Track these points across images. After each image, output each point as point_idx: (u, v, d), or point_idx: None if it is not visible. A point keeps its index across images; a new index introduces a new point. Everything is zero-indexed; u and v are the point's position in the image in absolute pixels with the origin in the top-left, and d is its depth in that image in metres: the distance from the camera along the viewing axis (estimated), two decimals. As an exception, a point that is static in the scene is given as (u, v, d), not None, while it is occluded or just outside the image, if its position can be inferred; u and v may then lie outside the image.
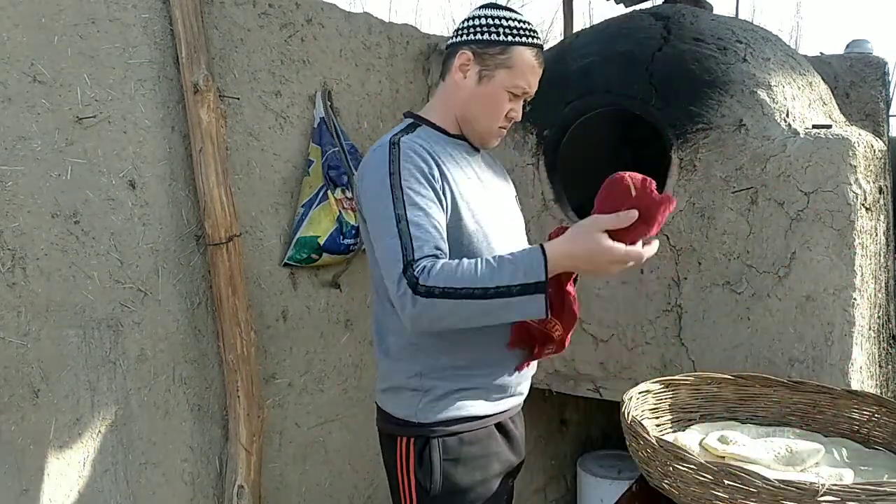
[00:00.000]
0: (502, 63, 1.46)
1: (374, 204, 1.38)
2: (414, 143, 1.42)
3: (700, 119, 2.08)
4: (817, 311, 1.93)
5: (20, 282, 1.65)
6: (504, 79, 1.46)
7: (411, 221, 1.33)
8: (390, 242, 1.32)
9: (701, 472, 1.26)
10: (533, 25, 1.49)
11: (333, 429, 2.39)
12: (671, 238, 2.14)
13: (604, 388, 2.30)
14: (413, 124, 1.52)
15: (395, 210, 1.33)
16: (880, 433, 1.59)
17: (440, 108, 1.54)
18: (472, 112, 1.50)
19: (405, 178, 1.36)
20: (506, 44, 1.45)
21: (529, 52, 1.47)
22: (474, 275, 1.27)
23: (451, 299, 1.26)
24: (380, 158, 1.39)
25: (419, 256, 1.30)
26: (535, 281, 1.26)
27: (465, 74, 1.48)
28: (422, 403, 1.46)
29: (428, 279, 1.27)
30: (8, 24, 1.61)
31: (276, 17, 2.16)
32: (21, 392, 1.66)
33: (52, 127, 1.69)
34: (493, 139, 1.55)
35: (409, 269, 1.29)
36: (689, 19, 2.26)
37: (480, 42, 1.46)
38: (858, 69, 2.68)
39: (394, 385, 1.50)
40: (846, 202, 1.87)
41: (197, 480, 2.02)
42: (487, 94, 1.48)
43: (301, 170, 2.24)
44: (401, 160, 1.38)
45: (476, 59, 1.47)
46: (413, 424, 1.47)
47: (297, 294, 2.27)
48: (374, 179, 1.38)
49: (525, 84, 1.48)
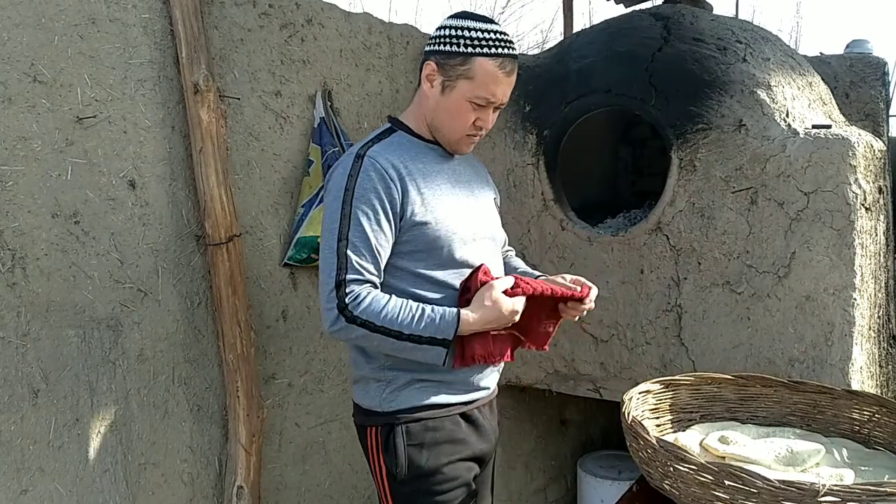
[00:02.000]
0: (463, 74, 1.48)
1: (327, 213, 1.48)
2: (379, 157, 1.48)
3: (700, 119, 2.08)
4: (817, 311, 1.93)
5: (20, 282, 1.65)
6: (465, 89, 1.49)
7: (351, 243, 1.44)
8: (329, 257, 1.44)
9: (701, 473, 1.26)
10: (500, 35, 1.49)
11: (333, 429, 2.39)
12: (671, 238, 2.14)
13: (604, 388, 2.31)
14: (390, 129, 1.59)
15: (340, 227, 1.44)
16: (881, 433, 1.59)
17: (416, 113, 1.59)
18: (438, 120, 1.55)
19: (357, 197, 1.45)
20: (466, 55, 1.47)
21: (491, 63, 1.47)
22: (395, 319, 1.43)
23: (368, 330, 1.42)
24: (342, 171, 1.48)
25: (350, 278, 1.43)
26: (443, 338, 1.44)
27: (432, 84, 1.52)
28: (385, 393, 1.55)
29: (356, 308, 1.42)
30: (8, 24, 1.61)
31: (277, 17, 2.16)
32: (21, 392, 1.66)
33: (52, 127, 1.69)
34: (462, 146, 1.59)
35: (340, 289, 1.42)
36: (689, 19, 2.26)
37: (443, 53, 1.49)
38: (858, 69, 2.68)
39: (362, 376, 1.59)
40: (846, 202, 1.87)
41: (196, 481, 2.02)
42: (450, 104, 1.51)
43: (301, 170, 2.24)
44: (359, 177, 1.46)
45: (439, 69, 1.50)
46: (379, 413, 1.55)
47: (297, 294, 2.27)
48: (332, 190, 1.48)
49: (488, 94, 1.50)
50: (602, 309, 2.29)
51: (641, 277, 2.20)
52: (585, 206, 2.47)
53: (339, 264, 1.43)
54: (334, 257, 1.44)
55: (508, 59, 1.50)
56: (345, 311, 1.42)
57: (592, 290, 1.61)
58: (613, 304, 2.27)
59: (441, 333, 1.45)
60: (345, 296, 1.42)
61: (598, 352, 2.32)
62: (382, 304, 1.44)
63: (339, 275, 1.43)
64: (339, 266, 1.43)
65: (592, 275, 2.28)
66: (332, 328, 1.44)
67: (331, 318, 1.43)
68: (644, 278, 2.20)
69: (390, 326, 1.43)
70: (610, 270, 2.27)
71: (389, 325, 1.43)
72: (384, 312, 1.43)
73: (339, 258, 1.44)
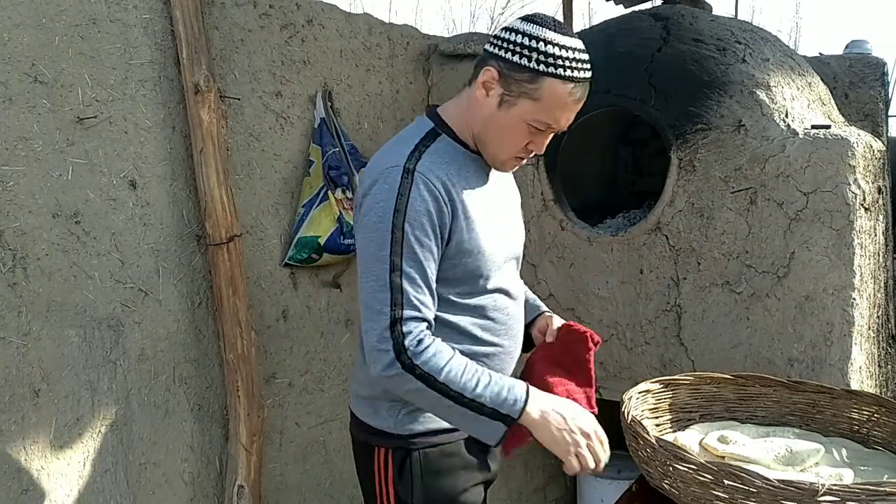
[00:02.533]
0: (527, 92, 1.29)
1: (370, 234, 1.29)
2: (431, 175, 1.30)
3: (699, 119, 2.08)
4: (816, 311, 1.93)
5: (21, 282, 1.65)
6: (526, 110, 1.30)
7: (406, 273, 1.26)
8: (378, 288, 1.26)
9: (701, 472, 1.26)
10: (579, 54, 1.29)
11: (333, 429, 2.39)
12: (670, 238, 2.14)
13: (603, 388, 2.31)
14: (434, 132, 1.39)
15: (392, 256, 1.26)
16: (880, 433, 1.59)
17: (462, 116, 1.39)
18: (488, 135, 1.36)
19: (410, 222, 1.26)
20: (536, 72, 1.27)
21: (563, 87, 1.28)
22: (458, 378, 1.25)
23: (425, 385, 1.25)
24: (388, 187, 1.28)
25: (408, 316, 1.25)
26: (507, 414, 1.26)
27: (487, 93, 1.32)
28: (402, 414, 1.41)
29: (416, 355, 1.24)
30: (9, 25, 1.62)
31: (277, 17, 2.17)
32: (21, 392, 1.66)
33: (53, 127, 1.70)
34: (507, 167, 1.43)
35: (396, 327, 1.24)
36: (689, 20, 2.26)
37: (509, 63, 1.29)
38: (857, 69, 2.68)
39: (372, 395, 1.44)
40: (845, 202, 1.87)
41: (197, 480, 2.02)
42: (506, 121, 1.32)
43: (301, 170, 2.24)
44: (410, 198, 1.27)
45: (501, 80, 1.30)
46: (392, 436, 1.41)
47: (298, 294, 2.27)
48: (377, 209, 1.28)
49: (550, 120, 1.32)
50: (602, 309, 2.29)
51: (641, 277, 2.21)
52: (585, 206, 2.47)
53: (393, 299, 1.25)
54: (386, 290, 1.25)
55: (582, 84, 1.30)
56: (402, 355, 1.24)
57: (593, 335, 1.51)
58: (613, 304, 2.27)
59: (505, 407, 1.25)
60: (402, 337, 1.24)
61: (598, 351, 2.32)
62: (446, 358, 1.26)
63: (395, 311, 1.24)
64: (393, 301, 1.25)
65: (592, 275, 2.29)
66: (384, 373, 1.25)
67: (384, 361, 1.25)
68: (643, 278, 2.20)
69: (451, 386, 1.24)
70: (609, 270, 2.27)
71: (450, 385, 1.24)
72: (448, 368, 1.25)
73: (392, 291, 1.25)
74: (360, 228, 1.33)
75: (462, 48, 2.59)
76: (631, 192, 3.07)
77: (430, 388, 1.25)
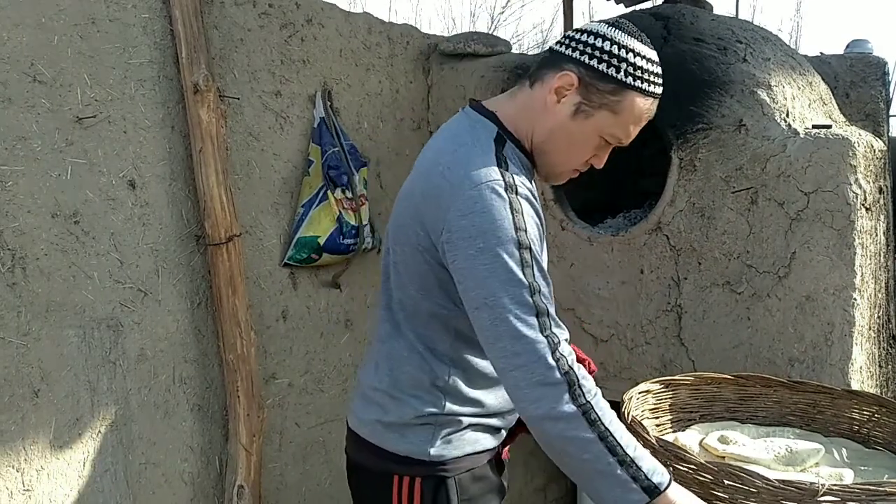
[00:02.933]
0: (609, 105, 1.20)
1: (495, 259, 1.12)
2: (525, 187, 1.20)
3: (700, 119, 2.08)
4: (817, 311, 1.93)
5: (20, 282, 1.65)
6: (604, 122, 1.22)
7: (544, 297, 1.13)
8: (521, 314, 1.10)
9: (701, 472, 1.26)
10: (659, 69, 1.24)
11: (334, 429, 2.39)
12: (671, 238, 2.14)
13: (603, 388, 2.29)
14: (501, 138, 1.25)
15: (527, 279, 1.12)
16: (880, 433, 1.59)
17: (520, 119, 1.27)
18: (552, 144, 1.25)
19: (531, 240, 1.14)
20: (622, 84, 1.19)
21: (644, 103, 1.22)
22: (619, 429, 1.10)
23: (594, 434, 1.08)
24: (502, 203, 1.14)
25: (562, 341, 1.12)
26: (658, 483, 1.09)
27: (560, 99, 1.22)
28: (439, 439, 1.27)
29: (586, 390, 1.09)
30: (8, 24, 1.61)
31: (276, 17, 2.16)
32: (21, 392, 1.66)
33: (52, 127, 1.69)
34: (559, 179, 1.34)
35: (559, 359, 1.09)
36: (689, 19, 2.26)
37: (593, 70, 1.19)
38: (858, 69, 2.67)
39: (399, 421, 1.28)
40: (846, 202, 1.87)
41: (197, 480, 2.02)
42: (579, 132, 1.23)
43: (301, 170, 2.24)
44: (524, 214, 1.15)
45: (581, 87, 1.20)
46: (423, 462, 1.26)
47: (297, 294, 2.27)
48: (494, 226, 1.12)
49: (623, 135, 1.24)
50: (602, 309, 2.29)
51: (641, 277, 2.20)
52: (585, 206, 2.47)
53: (541, 323, 1.11)
54: (533, 315, 1.10)
55: (656, 101, 1.24)
56: (575, 389, 1.08)
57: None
58: (613, 303, 2.27)
59: (658, 476, 1.10)
60: (568, 366, 1.09)
61: (598, 351, 2.31)
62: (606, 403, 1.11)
63: (550, 337, 1.10)
64: (542, 326, 1.10)
65: (593, 275, 2.28)
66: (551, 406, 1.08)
67: (557, 396, 1.08)
68: (644, 278, 2.20)
69: (616, 438, 1.08)
70: (610, 270, 2.27)
71: (615, 436, 1.08)
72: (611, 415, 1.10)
73: (539, 315, 1.11)
74: (474, 252, 1.13)
75: (462, 48, 2.59)
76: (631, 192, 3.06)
77: (599, 438, 1.08)
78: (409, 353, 1.29)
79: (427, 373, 1.27)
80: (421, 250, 1.22)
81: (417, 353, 1.28)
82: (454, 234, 1.15)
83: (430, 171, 1.23)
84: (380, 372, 1.33)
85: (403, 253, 1.26)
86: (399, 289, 1.29)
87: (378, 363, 1.34)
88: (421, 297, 1.26)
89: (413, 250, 1.24)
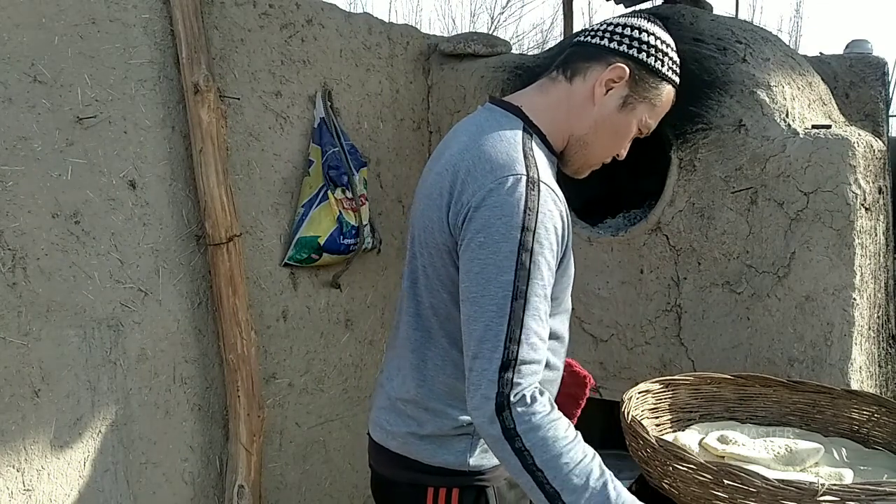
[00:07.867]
0: (649, 97, 1.24)
1: (492, 255, 1.09)
2: (554, 187, 1.16)
3: (700, 119, 2.08)
4: (817, 311, 1.93)
5: (21, 282, 1.65)
6: (642, 114, 1.25)
7: (530, 304, 1.08)
8: (493, 318, 1.08)
9: (701, 472, 1.26)
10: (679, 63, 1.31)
11: (334, 429, 2.39)
12: (671, 238, 2.14)
13: (603, 388, 2.31)
14: (527, 131, 1.22)
15: (516, 282, 1.07)
16: (880, 433, 1.59)
17: (557, 115, 1.25)
18: (595, 136, 1.25)
19: (539, 242, 1.10)
20: (664, 78, 1.24)
21: (672, 94, 1.29)
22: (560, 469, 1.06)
23: (520, 462, 1.07)
24: (514, 199, 1.10)
25: (524, 359, 1.07)
26: None
27: (607, 91, 1.22)
28: (478, 449, 1.24)
29: (522, 421, 1.06)
30: (8, 24, 1.61)
31: (277, 17, 2.16)
32: (21, 392, 1.66)
33: (52, 127, 1.70)
34: (585, 172, 1.33)
35: (506, 373, 1.06)
36: (689, 19, 2.26)
37: (643, 64, 1.22)
38: (858, 69, 2.67)
39: (437, 433, 1.25)
40: (846, 202, 1.87)
41: (197, 480, 2.02)
42: (624, 122, 1.24)
43: (301, 170, 2.24)
44: (539, 214, 1.10)
45: (631, 80, 1.22)
46: (460, 473, 1.24)
47: (298, 294, 2.27)
48: (501, 222, 1.09)
49: (652, 126, 1.29)
50: (602, 309, 2.29)
51: (641, 277, 2.20)
52: (585, 206, 2.47)
53: (509, 332, 1.07)
54: (503, 321, 1.07)
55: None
56: (506, 413, 1.06)
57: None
58: (613, 303, 2.27)
59: None
60: (510, 388, 1.06)
61: (598, 351, 2.32)
62: (559, 435, 1.08)
63: (510, 349, 1.06)
64: (509, 335, 1.06)
65: (592, 275, 2.29)
66: (481, 421, 1.08)
67: (486, 413, 1.07)
68: (644, 278, 2.20)
69: (549, 476, 1.06)
70: (610, 270, 2.27)
71: (550, 474, 1.06)
72: (554, 451, 1.06)
73: (510, 323, 1.07)
74: (474, 245, 1.12)
75: (462, 48, 2.59)
76: (631, 192, 3.07)
77: (527, 470, 1.06)
78: (443, 362, 1.26)
79: (461, 380, 1.19)
80: (448, 251, 1.20)
81: (451, 362, 1.24)
82: (467, 225, 1.14)
83: (456, 167, 1.19)
84: (408, 383, 1.29)
85: (431, 256, 1.22)
86: (430, 293, 1.24)
87: (405, 374, 1.29)
88: (452, 301, 1.21)
89: (440, 252, 1.21)
